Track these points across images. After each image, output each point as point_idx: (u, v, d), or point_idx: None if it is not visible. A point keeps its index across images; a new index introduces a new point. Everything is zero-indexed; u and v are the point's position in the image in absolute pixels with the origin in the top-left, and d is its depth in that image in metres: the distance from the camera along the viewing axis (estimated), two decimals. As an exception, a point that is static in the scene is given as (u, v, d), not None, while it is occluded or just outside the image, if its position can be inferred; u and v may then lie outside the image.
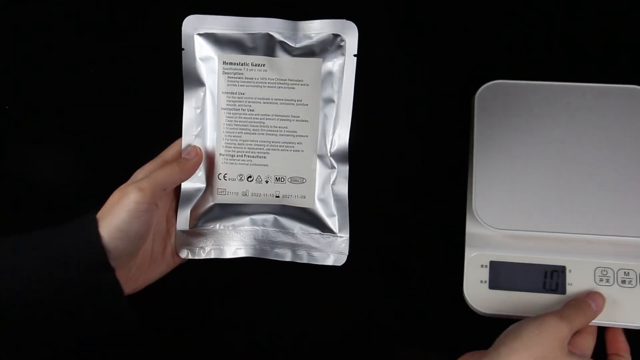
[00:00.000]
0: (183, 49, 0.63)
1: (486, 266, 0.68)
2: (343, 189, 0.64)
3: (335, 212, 0.64)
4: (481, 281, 0.68)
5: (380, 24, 0.74)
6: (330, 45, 0.63)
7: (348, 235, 0.63)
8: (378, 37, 0.72)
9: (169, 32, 0.66)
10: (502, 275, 0.67)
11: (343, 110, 0.63)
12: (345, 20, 0.62)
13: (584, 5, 0.76)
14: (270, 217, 0.64)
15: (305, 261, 0.63)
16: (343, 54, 0.63)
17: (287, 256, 0.64)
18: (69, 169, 0.75)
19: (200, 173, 0.64)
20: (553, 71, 0.73)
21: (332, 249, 0.63)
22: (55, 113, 0.77)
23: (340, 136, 0.63)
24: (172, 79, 0.66)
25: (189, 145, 0.64)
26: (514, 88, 0.71)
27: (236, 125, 0.63)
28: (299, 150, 0.64)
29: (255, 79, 0.63)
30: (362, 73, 0.64)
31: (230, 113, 0.63)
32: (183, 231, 0.64)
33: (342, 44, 0.63)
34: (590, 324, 0.65)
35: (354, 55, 0.63)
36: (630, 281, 0.66)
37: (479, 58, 0.75)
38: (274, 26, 0.63)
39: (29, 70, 0.78)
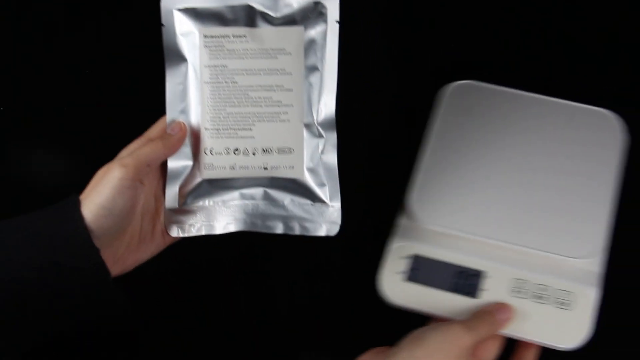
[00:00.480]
0: (163, 25, 0.63)
1: (407, 258, 0.68)
2: (332, 157, 0.63)
3: (325, 181, 0.63)
4: (398, 272, 0.68)
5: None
6: (312, 13, 0.63)
7: (340, 205, 0.63)
8: (360, 2, 0.72)
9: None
10: (420, 269, 0.67)
11: (328, 78, 0.63)
12: None
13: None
14: (259, 190, 0.64)
15: (297, 233, 0.63)
16: (325, 21, 0.63)
17: (279, 228, 0.63)
18: (70, 169, 0.76)
19: (187, 149, 0.64)
20: (534, 80, 0.74)
21: (324, 219, 0.63)
22: (55, 113, 0.78)
23: (326, 104, 0.63)
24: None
25: (173, 121, 0.64)
26: (480, 91, 0.73)
27: (220, 98, 0.63)
28: (285, 120, 0.63)
29: (236, 50, 0.63)
30: (345, 39, 0.64)
31: (213, 86, 0.63)
32: (172, 209, 0.64)
33: (323, 10, 0.62)
34: (496, 333, 0.64)
35: (337, 22, 0.62)
36: (544, 297, 0.65)
37: (471, 50, 0.75)
38: None
39: (28, 70, 0.79)
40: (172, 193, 0.63)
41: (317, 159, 0.63)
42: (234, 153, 0.63)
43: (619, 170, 0.69)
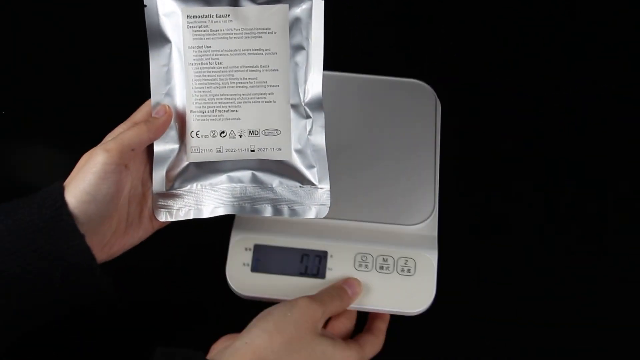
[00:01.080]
0: (145, 6, 0.61)
1: (250, 249, 0.68)
2: (320, 138, 0.62)
3: (313, 163, 0.62)
4: (244, 264, 0.67)
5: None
6: None
7: (329, 186, 0.62)
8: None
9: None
10: (265, 258, 0.68)
11: (314, 57, 0.62)
12: None
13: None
14: (247, 173, 0.62)
15: (286, 215, 0.62)
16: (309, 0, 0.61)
17: (267, 211, 0.62)
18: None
19: (173, 132, 0.62)
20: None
21: (313, 202, 0.62)
22: (55, 113, 0.77)
23: (313, 84, 0.62)
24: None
25: (157, 104, 0.62)
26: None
27: (205, 80, 0.61)
28: (271, 101, 0.62)
29: (220, 30, 0.61)
30: (331, 17, 0.63)
31: (198, 68, 0.61)
32: (159, 193, 0.62)
33: None
34: (348, 308, 0.65)
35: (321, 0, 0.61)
36: (388, 267, 0.67)
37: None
38: None
39: (28, 70, 0.78)
40: (159, 177, 0.62)
41: (305, 140, 0.62)
42: (221, 135, 0.62)
43: (437, 136, 0.73)
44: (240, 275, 0.67)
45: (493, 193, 0.74)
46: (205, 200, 0.62)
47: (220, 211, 0.62)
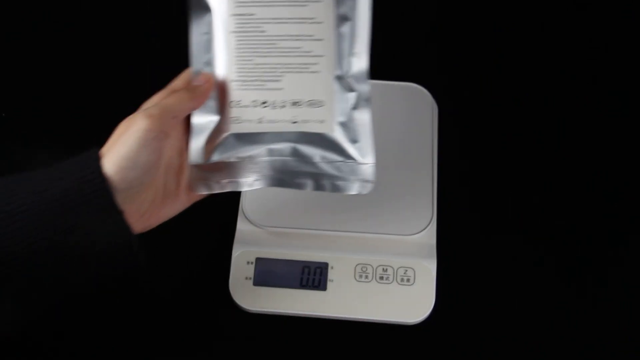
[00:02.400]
0: None
1: (252, 263, 0.68)
2: (365, 113, 0.60)
3: (357, 137, 0.60)
4: (246, 278, 0.68)
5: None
6: None
7: (373, 162, 0.60)
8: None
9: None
10: (266, 272, 0.68)
11: (359, 28, 0.60)
12: None
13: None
14: (288, 145, 0.60)
15: (328, 190, 0.60)
16: None
17: (309, 186, 0.60)
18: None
19: (212, 102, 0.60)
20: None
21: (356, 177, 0.60)
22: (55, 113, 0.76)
23: (358, 56, 0.60)
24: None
25: (199, 72, 0.60)
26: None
27: (247, 48, 0.59)
28: (315, 72, 0.60)
29: None
30: None
31: (240, 36, 0.59)
32: (197, 165, 0.60)
33: None
34: (345, 318, 0.67)
35: None
36: (388, 277, 0.68)
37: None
38: None
39: (27, 71, 0.77)
40: (196, 148, 0.60)
41: (349, 113, 0.60)
42: (262, 105, 0.60)
43: (435, 142, 0.72)
44: (243, 289, 0.68)
45: (492, 200, 0.74)
46: (244, 173, 0.60)
47: (259, 184, 0.60)
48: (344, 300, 0.67)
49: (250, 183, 0.60)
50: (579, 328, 0.69)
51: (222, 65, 0.60)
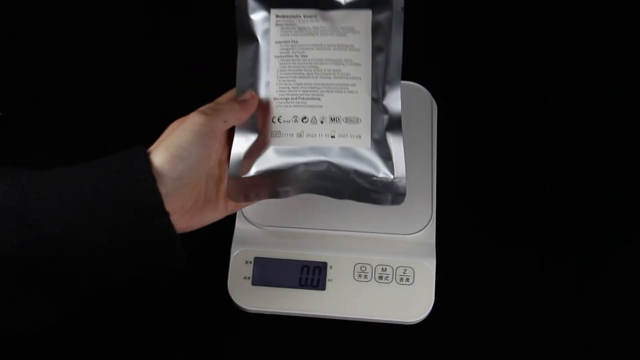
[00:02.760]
0: (235, 7, 0.64)
1: (251, 262, 0.68)
2: (398, 134, 0.63)
3: (390, 155, 0.63)
4: (245, 277, 0.68)
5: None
6: (378, 1, 0.65)
7: (405, 178, 0.62)
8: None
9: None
10: (265, 271, 0.68)
11: (393, 59, 0.64)
12: None
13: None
14: (325, 159, 0.62)
15: (362, 201, 0.62)
16: (390, 9, 0.64)
17: (344, 195, 0.63)
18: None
19: (253, 120, 0.63)
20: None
21: (390, 191, 0.62)
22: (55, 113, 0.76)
23: (391, 83, 0.64)
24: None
25: (243, 91, 0.63)
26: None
27: (290, 70, 0.64)
28: (353, 92, 0.63)
29: (307, 28, 0.64)
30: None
31: (283, 60, 0.64)
32: (235, 178, 0.62)
33: (389, 0, 0.65)
34: (345, 317, 0.67)
35: (402, 9, 0.64)
36: (387, 277, 0.68)
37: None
38: None
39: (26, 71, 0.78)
40: (236, 161, 0.62)
41: (383, 133, 0.63)
42: (302, 121, 0.63)
43: (434, 141, 0.72)
44: (242, 289, 0.68)
45: (492, 199, 0.73)
46: (282, 184, 0.63)
47: (295, 192, 0.63)
48: (343, 300, 0.67)
49: (286, 192, 0.62)
50: (578, 327, 0.68)
51: (265, 85, 0.63)
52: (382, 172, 0.62)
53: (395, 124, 0.63)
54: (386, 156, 0.62)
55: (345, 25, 0.64)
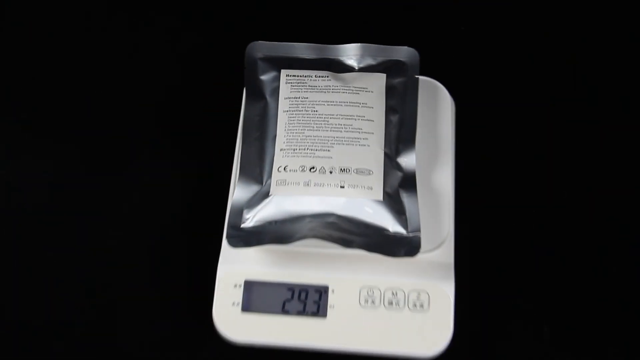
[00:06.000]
0: (245, 68, 0.66)
1: (240, 286, 0.63)
2: (412, 191, 0.63)
3: (404, 210, 0.62)
4: (233, 303, 0.63)
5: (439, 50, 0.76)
6: (392, 67, 0.66)
7: (420, 233, 0.61)
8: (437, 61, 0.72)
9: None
10: (257, 296, 0.63)
11: (407, 119, 0.65)
12: (407, 47, 0.67)
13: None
14: (333, 210, 0.61)
15: (374, 252, 0.60)
16: (405, 75, 0.66)
17: (355, 244, 0.61)
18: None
19: (258, 170, 0.63)
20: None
21: (403, 245, 0.61)
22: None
23: (405, 142, 0.64)
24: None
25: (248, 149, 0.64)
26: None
27: (299, 123, 0.64)
28: (365, 145, 0.63)
29: (319, 86, 0.65)
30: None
31: (292, 114, 0.64)
32: (234, 226, 0.61)
33: (403, 67, 0.66)
34: (349, 350, 0.62)
35: (416, 77, 0.66)
36: (398, 302, 0.62)
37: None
38: (336, 52, 0.67)
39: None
40: (237, 208, 0.62)
41: (396, 188, 0.63)
42: (310, 170, 0.62)
43: (452, 145, 0.68)
44: (230, 317, 0.62)
45: (518, 210, 0.70)
46: (286, 232, 0.61)
47: (301, 238, 0.61)
48: (347, 329, 0.63)
49: (290, 239, 0.61)
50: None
51: (272, 138, 0.64)
52: (395, 227, 0.61)
53: (409, 182, 0.63)
54: (399, 210, 0.62)
55: (358, 85, 0.65)
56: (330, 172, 0.62)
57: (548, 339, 0.65)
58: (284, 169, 0.62)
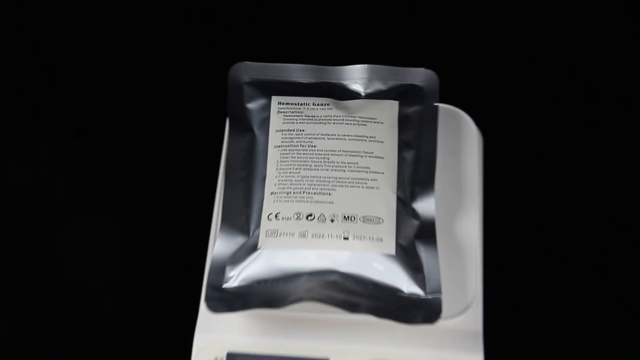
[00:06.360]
0: (229, 94, 0.62)
1: (222, 359, 0.57)
2: (431, 243, 0.57)
3: (421, 266, 0.57)
4: (213, 382, 0.56)
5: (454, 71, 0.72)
6: (406, 92, 0.61)
7: (440, 295, 0.56)
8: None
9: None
10: (241, 372, 0.57)
11: (425, 156, 0.59)
12: (424, 69, 0.62)
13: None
14: (335, 267, 0.57)
15: (385, 318, 0.55)
16: (422, 103, 0.61)
17: (362, 309, 0.55)
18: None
19: (242, 217, 0.58)
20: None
21: (419, 310, 0.55)
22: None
23: (423, 184, 0.59)
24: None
25: (232, 192, 0.59)
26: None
27: (293, 161, 0.59)
28: (373, 187, 0.58)
29: (317, 116, 0.61)
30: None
31: (285, 150, 0.60)
32: (215, 287, 0.56)
33: (419, 93, 0.61)
34: None
35: (435, 105, 0.61)
36: (415, 379, 0.55)
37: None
38: (338, 75, 0.62)
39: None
40: (218, 265, 0.57)
41: (411, 239, 0.57)
42: (307, 219, 0.57)
43: (479, 183, 0.63)
44: None
45: (518, 211, 0.68)
46: (279, 293, 0.56)
47: (297, 301, 0.56)
48: None
49: (283, 302, 0.56)
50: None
51: (260, 179, 0.60)
52: (411, 287, 0.56)
53: (427, 232, 0.57)
54: (416, 267, 0.56)
55: (365, 115, 0.60)
56: (332, 221, 0.57)
57: None
58: (275, 216, 0.57)
